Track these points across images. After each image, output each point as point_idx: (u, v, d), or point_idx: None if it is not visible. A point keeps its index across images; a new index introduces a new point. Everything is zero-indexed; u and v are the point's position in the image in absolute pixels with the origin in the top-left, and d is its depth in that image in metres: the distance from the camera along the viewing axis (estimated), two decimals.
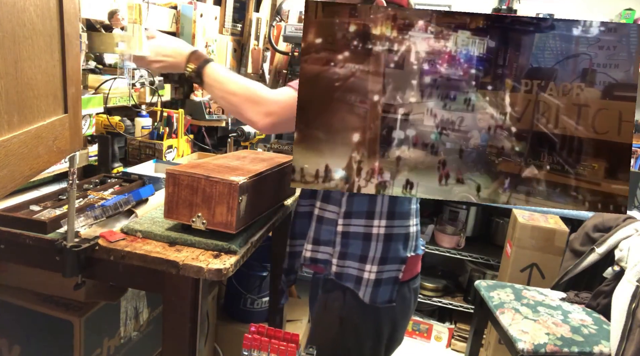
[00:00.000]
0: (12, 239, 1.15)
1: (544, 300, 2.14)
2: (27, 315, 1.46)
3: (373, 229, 1.20)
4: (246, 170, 1.23)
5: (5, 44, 0.68)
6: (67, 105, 0.92)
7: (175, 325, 1.14)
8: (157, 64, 1.26)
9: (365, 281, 1.21)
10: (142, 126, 1.82)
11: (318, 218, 1.26)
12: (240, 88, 1.17)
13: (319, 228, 1.26)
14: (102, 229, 1.19)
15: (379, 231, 1.20)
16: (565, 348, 1.82)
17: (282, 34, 2.45)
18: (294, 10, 2.76)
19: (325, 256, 1.25)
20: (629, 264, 1.90)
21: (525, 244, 2.47)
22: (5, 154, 0.70)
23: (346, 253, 1.22)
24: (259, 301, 2.24)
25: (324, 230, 1.25)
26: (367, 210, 1.20)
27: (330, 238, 1.24)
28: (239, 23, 2.58)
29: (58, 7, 0.86)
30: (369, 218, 1.20)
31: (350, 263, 1.22)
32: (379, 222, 1.20)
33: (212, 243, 1.14)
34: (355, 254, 1.21)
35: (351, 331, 1.24)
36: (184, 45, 1.25)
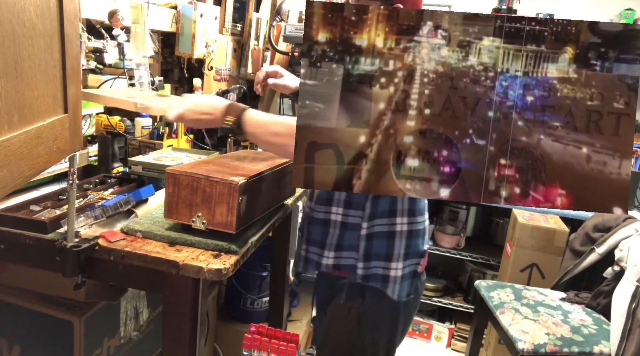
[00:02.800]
0: (12, 239, 1.15)
1: (544, 300, 2.14)
2: (27, 315, 1.46)
3: (397, 227, 1.22)
4: (246, 170, 1.23)
5: (5, 44, 0.68)
6: (67, 105, 0.93)
7: (175, 325, 1.14)
8: (196, 122, 1.23)
9: (393, 278, 1.22)
10: (142, 126, 1.82)
11: (341, 224, 1.25)
12: (283, 127, 1.12)
13: (342, 235, 1.25)
14: (102, 229, 1.19)
15: (402, 228, 1.22)
16: (565, 348, 1.82)
17: (282, 34, 2.45)
18: (294, 10, 2.76)
19: (349, 261, 1.25)
20: (629, 264, 1.90)
21: (525, 244, 2.47)
22: (5, 154, 0.70)
23: (371, 254, 1.22)
24: (259, 301, 2.24)
25: (347, 236, 1.24)
26: (389, 209, 1.21)
27: (354, 242, 1.24)
28: (239, 23, 2.58)
29: (58, 7, 0.86)
30: (392, 216, 1.21)
31: (376, 263, 1.22)
32: (402, 219, 1.22)
33: (212, 243, 1.14)
34: (380, 254, 1.22)
35: (369, 328, 1.25)
36: (219, 100, 1.23)
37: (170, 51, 2.25)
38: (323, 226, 1.28)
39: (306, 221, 1.34)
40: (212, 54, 2.31)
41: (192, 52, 2.15)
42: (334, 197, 1.25)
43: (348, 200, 1.24)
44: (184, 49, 2.15)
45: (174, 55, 2.24)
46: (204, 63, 2.32)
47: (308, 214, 1.33)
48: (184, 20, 2.11)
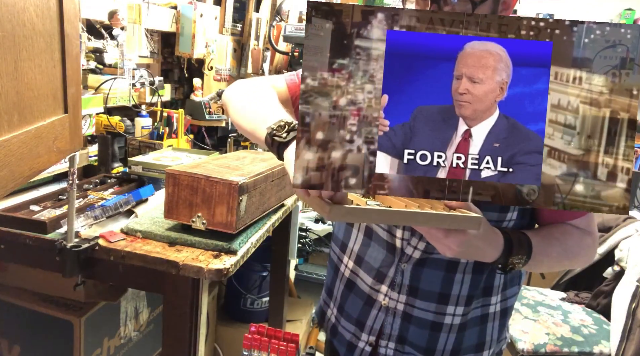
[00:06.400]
0: (12, 239, 1.15)
1: (544, 300, 2.14)
2: (27, 315, 1.45)
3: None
4: (246, 170, 1.23)
5: (5, 44, 0.68)
6: (67, 105, 0.92)
7: (175, 325, 1.14)
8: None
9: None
10: (142, 126, 1.82)
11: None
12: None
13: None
14: (102, 230, 1.19)
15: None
16: (565, 348, 1.82)
17: (282, 34, 2.45)
18: (294, 10, 2.76)
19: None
20: (629, 264, 1.90)
21: None
22: (5, 154, 0.70)
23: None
24: (259, 301, 2.24)
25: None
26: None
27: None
28: (239, 23, 2.58)
29: (58, 7, 0.86)
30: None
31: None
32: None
33: (212, 243, 1.14)
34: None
35: None
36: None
37: (170, 51, 2.25)
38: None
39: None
40: (212, 54, 2.31)
41: (192, 52, 2.15)
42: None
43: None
44: (184, 49, 2.15)
45: (174, 56, 2.24)
46: (204, 63, 2.32)
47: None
48: (184, 20, 2.11)
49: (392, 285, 0.94)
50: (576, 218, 0.90)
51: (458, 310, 0.92)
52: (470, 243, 0.74)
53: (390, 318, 0.95)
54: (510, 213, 0.88)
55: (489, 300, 0.95)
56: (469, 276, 0.91)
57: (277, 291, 2.05)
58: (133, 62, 1.80)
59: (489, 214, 0.84)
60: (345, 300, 1.02)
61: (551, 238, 0.88)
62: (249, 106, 0.91)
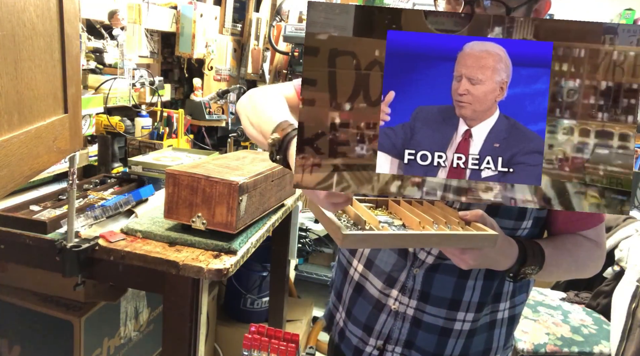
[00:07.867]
0: (12, 239, 1.15)
1: (544, 300, 2.14)
2: (27, 315, 1.45)
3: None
4: (246, 170, 1.23)
5: (5, 44, 0.68)
6: (67, 105, 0.92)
7: (175, 325, 1.14)
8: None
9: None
10: (142, 126, 1.82)
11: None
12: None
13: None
14: (102, 229, 1.19)
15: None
16: (565, 348, 1.82)
17: (282, 34, 2.45)
18: (294, 10, 2.76)
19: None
20: (629, 264, 1.90)
21: None
22: (5, 154, 0.70)
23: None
24: (259, 301, 2.24)
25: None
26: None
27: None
28: (239, 23, 2.58)
29: (58, 7, 0.86)
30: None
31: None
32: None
33: (212, 243, 1.14)
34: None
35: None
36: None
37: (170, 51, 2.25)
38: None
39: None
40: (212, 54, 2.31)
41: (192, 52, 2.15)
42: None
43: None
44: (184, 49, 2.15)
45: (174, 56, 2.24)
46: (204, 63, 2.32)
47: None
48: (184, 20, 2.11)
49: (403, 290, 0.93)
50: (588, 229, 0.90)
51: (468, 316, 0.92)
52: (487, 256, 0.75)
53: (399, 323, 0.94)
54: (525, 221, 0.88)
55: (497, 306, 0.95)
56: (481, 283, 0.91)
57: (277, 291, 2.05)
58: (133, 62, 1.80)
59: (504, 221, 0.84)
60: (353, 304, 1.01)
61: (563, 249, 0.88)
62: (254, 117, 0.90)
